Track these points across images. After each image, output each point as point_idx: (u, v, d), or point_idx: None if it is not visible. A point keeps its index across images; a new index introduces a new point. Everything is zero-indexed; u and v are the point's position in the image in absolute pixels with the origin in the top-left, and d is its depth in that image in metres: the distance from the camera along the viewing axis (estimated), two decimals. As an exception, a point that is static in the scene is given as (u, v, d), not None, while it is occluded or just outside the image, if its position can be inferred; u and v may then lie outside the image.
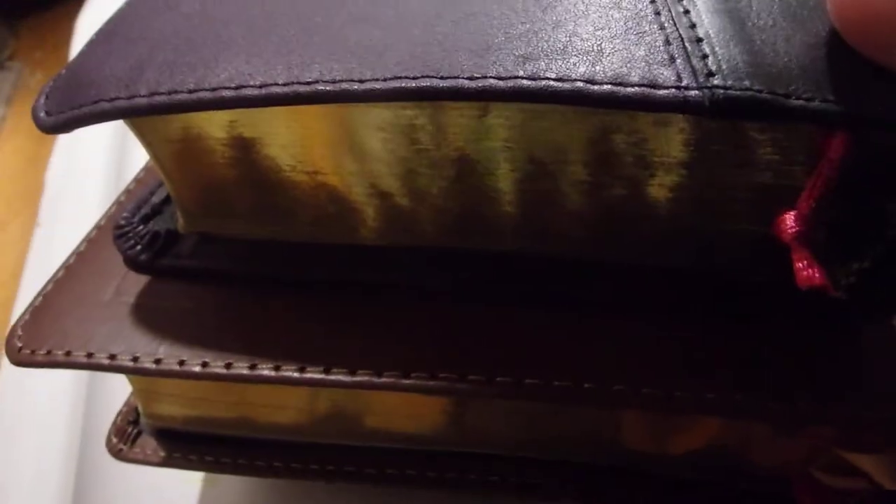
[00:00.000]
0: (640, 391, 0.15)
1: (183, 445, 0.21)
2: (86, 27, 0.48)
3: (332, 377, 0.16)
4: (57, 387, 0.31)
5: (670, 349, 0.15)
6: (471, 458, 0.19)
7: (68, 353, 0.17)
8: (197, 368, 0.16)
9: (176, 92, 0.14)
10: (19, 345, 0.17)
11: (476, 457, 0.19)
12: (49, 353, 0.17)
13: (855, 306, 0.15)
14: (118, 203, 0.21)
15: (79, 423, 0.29)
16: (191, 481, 0.25)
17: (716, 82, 0.12)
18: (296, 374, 0.16)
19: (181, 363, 0.16)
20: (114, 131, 0.41)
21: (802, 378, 0.15)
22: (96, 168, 0.40)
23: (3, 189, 0.52)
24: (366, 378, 0.15)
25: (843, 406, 0.14)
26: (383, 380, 0.15)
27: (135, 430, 0.22)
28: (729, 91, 0.12)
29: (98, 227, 0.20)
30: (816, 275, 0.12)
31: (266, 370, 0.16)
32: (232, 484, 0.25)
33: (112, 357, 0.17)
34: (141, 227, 0.18)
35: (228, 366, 0.16)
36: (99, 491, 0.26)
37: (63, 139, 0.44)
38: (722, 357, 0.15)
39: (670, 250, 0.16)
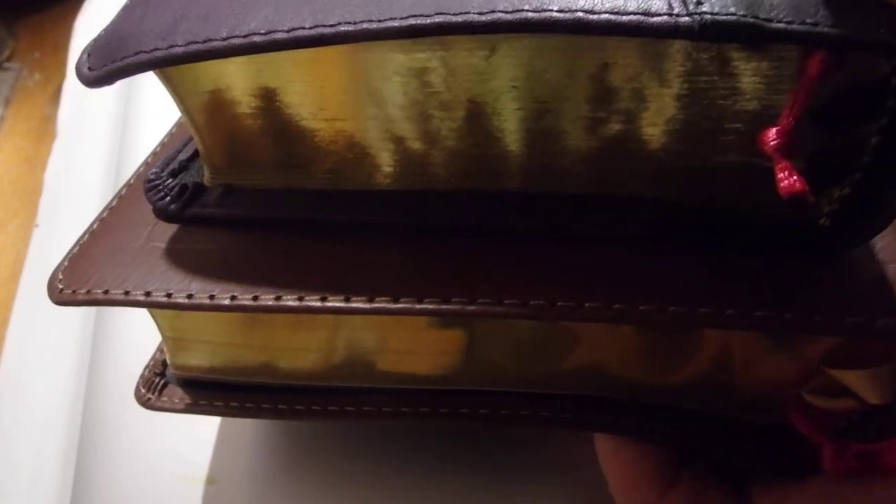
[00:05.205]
0: (665, 309, 0.16)
1: (208, 393, 0.22)
2: (85, 27, 0.48)
3: (353, 304, 0.17)
4: (54, 385, 0.31)
5: (676, 273, 0.16)
6: (481, 394, 0.20)
7: (106, 292, 0.18)
8: (226, 301, 0.17)
9: (210, 40, 0.15)
10: (60, 286, 0.18)
11: (486, 393, 0.20)
12: (88, 292, 0.18)
13: (839, 231, 0.16)
14: (146, 164, 0.23)
15: (77, 422, 0.29)
16: (190, 481, 0.25)
17: (704, 9, 0.13)
18: (318, 304, 0.17)
19: (211, 297, 0.17)
20: (113, 132, 0.41)
21: (807, 295, 0.16)
22: (95, 169, 0.40)
23: (1, 189, 0.51)
24: (383, 304, 0.17)
25: (855, 315, 0.15)
26: (399, 305, 0.16)
27: (161, 381, 0.23)
28: (716, 16, 0.13)
29: (128, 185, 0.22)
30: (797, 183, 0.13)
31: (290, 301, 0.17)
32: (232, 484, 0.25)
33: (147, 294, 0.18)
34: (170, 181, 0.20)
35: (255, 298, 0.17)
36: (98, 491, 0.26)
37: (61, 140, 0.43)
38: (726, 279, 0.16)
39: (665, 183, 0.17)
